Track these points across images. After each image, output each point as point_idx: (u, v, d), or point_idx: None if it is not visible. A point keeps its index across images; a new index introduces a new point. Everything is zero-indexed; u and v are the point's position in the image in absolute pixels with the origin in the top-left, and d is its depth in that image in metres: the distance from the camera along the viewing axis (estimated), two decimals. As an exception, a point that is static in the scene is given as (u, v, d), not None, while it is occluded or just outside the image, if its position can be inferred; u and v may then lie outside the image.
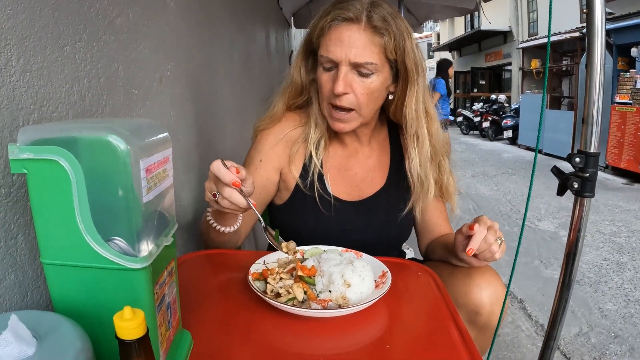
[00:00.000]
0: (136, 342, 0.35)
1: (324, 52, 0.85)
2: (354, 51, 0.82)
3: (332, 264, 0.68)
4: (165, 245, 0.46)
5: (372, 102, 0.88)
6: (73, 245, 0.41)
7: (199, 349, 0.56)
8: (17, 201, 0.54)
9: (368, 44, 0.82)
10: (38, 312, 0.42)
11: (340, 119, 0.88)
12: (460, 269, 0.84)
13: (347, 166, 1.00)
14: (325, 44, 0.85)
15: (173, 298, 0.51)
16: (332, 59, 0.84)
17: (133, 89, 0.83)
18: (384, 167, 1.02)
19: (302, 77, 0.96)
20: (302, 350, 0.58)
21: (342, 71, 0.83)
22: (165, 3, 0.99)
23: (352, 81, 0.84)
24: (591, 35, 0.82)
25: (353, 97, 0.85)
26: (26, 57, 0.54)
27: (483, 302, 0.79)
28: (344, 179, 1.00)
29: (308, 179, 0.95)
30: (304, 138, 0.97)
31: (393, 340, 0.59)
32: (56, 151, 0.39)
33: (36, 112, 0.56)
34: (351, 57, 0.82)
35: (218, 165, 0.67)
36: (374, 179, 1.01)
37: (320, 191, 0.95)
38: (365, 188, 1.00)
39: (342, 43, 0.82)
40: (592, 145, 0.86)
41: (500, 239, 0.78)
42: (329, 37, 0.85)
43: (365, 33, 0.82)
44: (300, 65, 0.95)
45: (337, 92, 0.83)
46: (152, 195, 0.42)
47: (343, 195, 0.98)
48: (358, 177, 1.00)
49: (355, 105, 0.86)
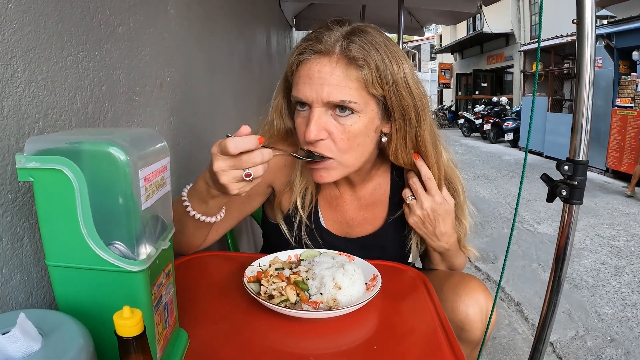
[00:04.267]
0: (134, 339, 0.37)
1: (294, 92, 0.74)
2: (327, 89, 0.70)
3: (324, 267, 0.70)
4: (162, 248, 0.48)
5: (356, 149, 0.75)
6: (76, 249, 0.44)
7: (195, 347, 0.58)
8: (23, 206, 0.57)
9: (343, 79, 0.70)
10: (43, 311, 0.45)
11: (316, 168, 0.76)
12: (448, 285, 0.84)
13: (338, 206, 0.92)
14: (296, 82, 0.74)
15: (170, 298, 0.53)
16: (302, 99, 0.73)
17: (134, 95, 0.86)
18: (380, 210, 0.92)
19: (285, 122, 0.84)
20: (292, 350, 0.61)
21: (314, 113, 0.71)
22: (165, 10, 1.02)
23: (328, 124, 0.72)
24: (581, 45, 0.83)
25: (330, 142, 0.73)
26: (31, 68, 0.57)
27: (469, 319, 0.79)
28: (335, 215, 0.93)
29: (294, 229, 0.88)
30: (290, 184, 0.88)
31: (381, 342, 0.62)
32: (61, 161, 0.42)
33: (41, 121, 0.59)
34: (323, 96, 0.70)
35: (233, 140, 0.58)
36: (366, 221, 0.92)
37: (311, 227, 0.89)
38: (355, 227, 0.93)
39: (312, 80, 0.71)
40: (581, 153, 0.88)
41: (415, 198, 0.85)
42: (298, 74, 0.74)
43: (338, 66, 0.71)
44: (281, 108, 0.84)
45: (309, 139, 0.71)
46: (150, 202, 0.45)
47: (334, 229, 0.93)
48: (348, 216, 0.92)
49: (334, 153, 0.74)
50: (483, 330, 0.80)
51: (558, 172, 0.89)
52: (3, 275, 0.54)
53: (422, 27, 4.22)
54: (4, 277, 0.54)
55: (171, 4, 1.04)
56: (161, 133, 1.00)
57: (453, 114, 15.25)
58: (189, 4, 1.18)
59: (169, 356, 0.53)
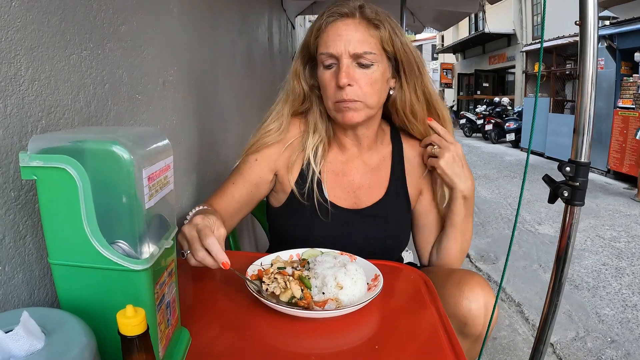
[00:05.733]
0: (137, 338, 0.38)
1: (323, 49, 0.88)
2: (353, 43, 0.86)
3: (326, 266, 0.70)
4: (165, 247, 0.49)
5: (375, 94, 0.90)
6: (79, 248, 0.44)
7: (197, 346, 0.59)
8: (26, 204, 0.57)
9: (365, 35, 0.87)
10: (46, 309, 0.45)
11: (349, 107, 0.89)
12: (451, 281, 0.85)
13: (345, 171, 1.01)
14: (324, 40, 0.88)
15: (172, 297, 0.54)
16: (333, 53, 0.87)
17: (137, 94, 0.86)
18: (383, 177, 1.02)
19: (302, 84, 0.98)
20: (294, 349, 0.61)
21: (343, 64, 0.86)
22: (168, 9, 1.02)
23: (354, 73, 0.87)
24: (583, 46, 0.83)
25: (357, 88, 0.87)
26: (35, 66, 0.57)
27: (471, 314, 0.80)
28: (342, 185, 1.00)
29: (306, 187, 0.96)
30: (302, 146, 0.98)
31: (382, 342, 0.62)
32: (64, 160, 0.42)
33: (44, 119, 0.59)
34: (350, 49, 0.86)
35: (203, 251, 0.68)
36: (371, 187, 1.01)
37: (319, 198, 0.96)
38: (362, 196, 1.00)
39: (341, 37, 0.86)
40: (583, 155, 0.88)
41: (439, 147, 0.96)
42: (327, 34, 0.88)
43: (361, 26, 0.87)
44: (300, 72, 0.97)
45: (342, 84, 0.85)
46: (154, 202, 0.45)
47: (340, 201, 0.99)
48: (355, 183, 1.00)
49: (360, 96, 0.88)
50: (484, 326, 0.81)
51: (560, 173, 0.89)
52: (5, 273, 0.54)
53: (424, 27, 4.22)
54: (6, 276, 0.54)
55: (174, 3, 1.04)
56: (163, 131, 0.99)
57: (455, 114, 15.23)
58: (192, 3, 1.18)
59: (171, 355, 0.53)
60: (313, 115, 0.98)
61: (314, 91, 0.98)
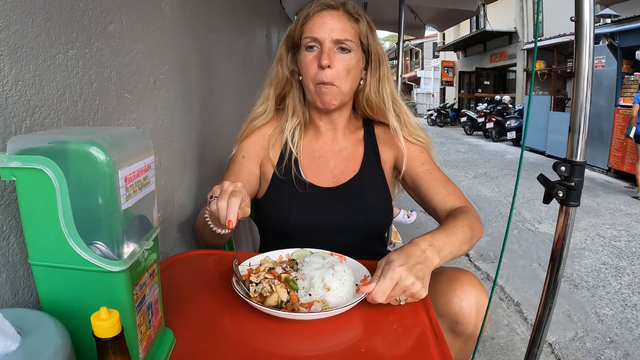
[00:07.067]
0: (111, 340, 0.37)
1: (309, 34, 0.97)
2: (336, 31, 0.96)
3: (314, 267, 0.70)
4: (146, 248, 0.48)
5: (349, 80, 0.99)
6: (58, 248, 0.44)
7: (181, 348, 0.58)
8: (10, 204, 0.57)
9: (347, 26, 0.98)
10: (25, 310, 0.45)
11: (327, 91, 0.98)
12: (442, 279, 0.85)
13: (321, 153, 1.08)
14: (310, 27, 0.98)
15: (155, 298, 0.53)
16: (317, 37, 0.97)
17: (126, 93, 0.85)
18: (357, 157, 1.09)
19: (284, 69, 1.06)
20: (280, 351, 0.60)
21: (326, 47, 0.96)
22: (160, 7, 1.01)
23: (334, 57, 0.96)
24: (579, 43, 0.81)
25: (335, 71, 0.96)
26: (18, 66, 0.57)
27: (463, 312, 0.80)
28: (318, 165, 1.07)
29: (284, 164, 1.05)
30: (280, 129, 1.07)
31: (369, 344, 0.61)
32: (42, 161, 0.41)
33: (28, 120, 0.59)
34: (333, 35, 0.96)
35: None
36: (347, 166, 1.08)
37: (297, 174, 1.03)
38: (339, 174, 1.07)
39: (326, 25, 0.97)
40: (579, 154, 0.87)
41: (407, 298, 0.71)
42: (313, 21, 0.98)
43: (343, 17, 0.98)
44: (283, 58, 1.06)
45: (324, 64, 0.94)
46: (132, 202, 0.45)
47: (318, 181, 1.05)
48: (331, 164, 1.08)
49: (336, 80, 0.97)
50: (477, 323, 0.81)
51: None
52: (-12, 273, 0.54)
53: (425, 25, 4.20)
54: (-11, 276, 0.54)
55: (165, 1, 1.03)
56: (154, 131, 0.99)
57: (455, 112, 15.20)
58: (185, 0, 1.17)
59: (153, 356, 0.53)
60: (292, 99, 1.06)
61: (295, 76, 1.06)
